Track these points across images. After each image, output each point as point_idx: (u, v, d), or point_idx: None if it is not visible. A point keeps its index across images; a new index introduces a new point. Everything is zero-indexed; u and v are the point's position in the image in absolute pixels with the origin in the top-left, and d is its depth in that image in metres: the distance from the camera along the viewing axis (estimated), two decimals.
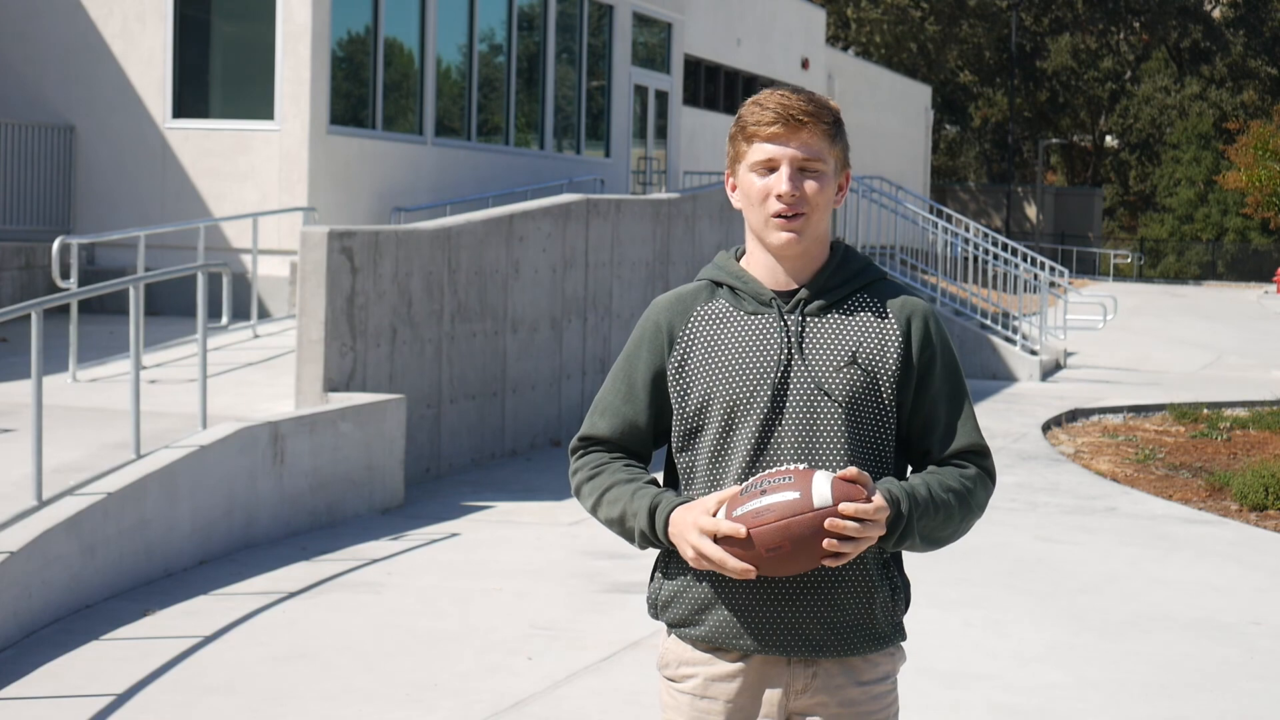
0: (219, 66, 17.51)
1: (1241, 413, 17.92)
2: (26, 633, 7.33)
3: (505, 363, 13.15)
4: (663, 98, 25.51)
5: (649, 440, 3.22)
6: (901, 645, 3.24)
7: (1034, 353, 21.48)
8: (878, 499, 2.94)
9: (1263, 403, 18.79)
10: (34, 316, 7.89)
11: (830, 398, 3.07)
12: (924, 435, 3.16)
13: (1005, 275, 23.90)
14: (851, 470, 2.94)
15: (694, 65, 28.80)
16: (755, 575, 2.95)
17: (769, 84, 30.19)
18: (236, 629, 7.53)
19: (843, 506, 2.89)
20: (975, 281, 24.09)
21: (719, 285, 3.20)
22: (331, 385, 10.87)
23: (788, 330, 3.10)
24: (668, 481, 3.23)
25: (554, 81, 21.79)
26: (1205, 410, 18.04)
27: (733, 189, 3.18)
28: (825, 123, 3.08)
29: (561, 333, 14.08)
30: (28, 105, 17.36)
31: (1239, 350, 26.45)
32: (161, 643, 7.23)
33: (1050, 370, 21.82)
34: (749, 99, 3.14)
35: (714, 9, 29.42)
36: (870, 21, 49.57)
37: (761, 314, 3.13)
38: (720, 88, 30.49)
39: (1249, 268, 59.12)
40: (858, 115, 36.49)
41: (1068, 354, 23.54)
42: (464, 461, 12.53)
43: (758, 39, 31.73)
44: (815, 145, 3.08)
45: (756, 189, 3.09)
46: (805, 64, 34.20)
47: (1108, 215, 67.74)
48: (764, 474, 2.97)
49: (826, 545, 2.90)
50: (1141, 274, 58.62)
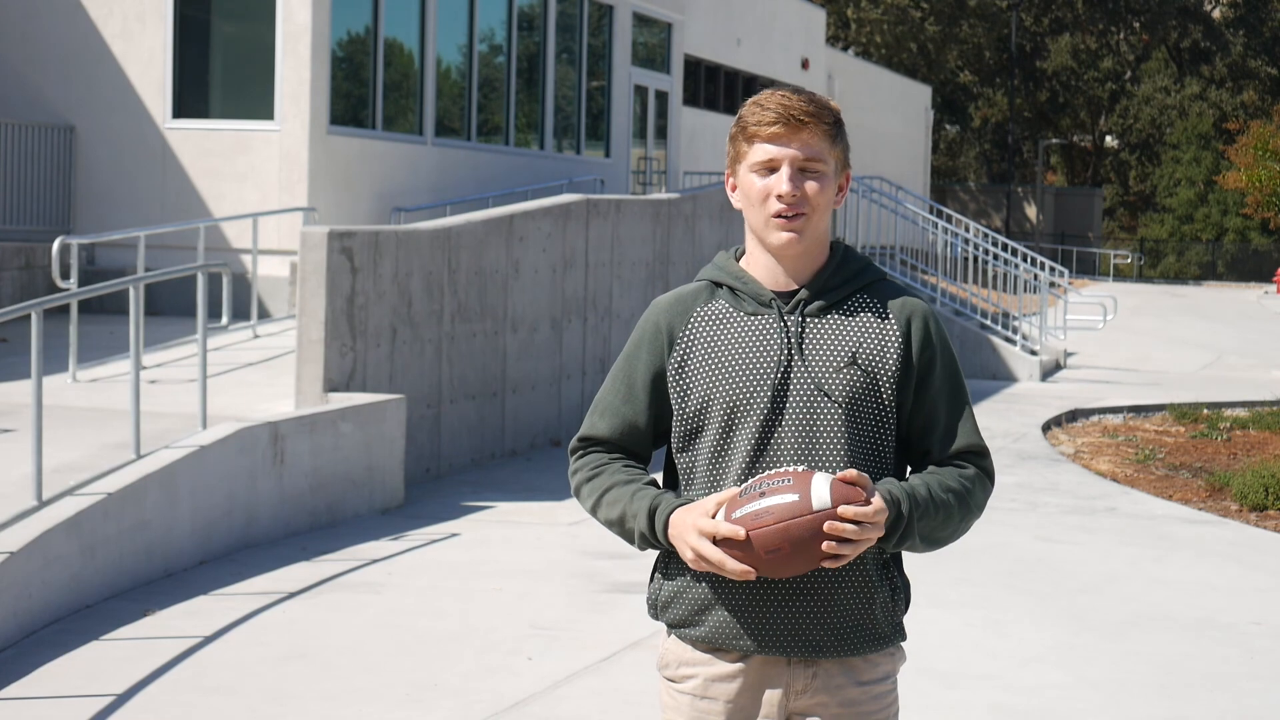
0: (219, 66, 17.51)
1: (1241, 413, 17.91)
2: (26, 633, 7.33)
3: (505, 363, 13.15)
4: (663, 98, 25.50)
5: (649, 441, 3.22)
6: (901, 645, 3.24)
7: (1034, 353, 21.48)
8: (876, 501, 2.94)
9: (1263, 403, 18.79)
10: (34, 316, 7.89)
11: (830, 398, 3.07)
12: (924, 435, 3.16)
13: (1005, 275, 23.90)
14: (851, 473, 2.94)
15: (694, 65, 28.79)
16: (754, 577, 2.96)
17: (769, 84, 30.21)
18: (237, 629, 7.53)
19: (841, 509, 2.90)
20: (975, 282, 24.09)
21: (719, 286, 3.19)
22: (331, 385, 10.88)
23: (788, 331, 3.10)
24: (667, 482, 3.23)
25: (554, 81, 21.79)
26: (1205, 410, 18.04)
27: (733, 189, 3.18)
28: (826, 123, 3.08)
29: (561, 333, 14.08)
30: (28, 105, 17.37)
31: (1239, 350, 26.45)
32: (161, 643, 7.23)
33: (1050, 370, 21.82)
34: (749, 99, 3.13)
35: (714, 9, 29.42)
36: (870, 21, 49.56)
37: (761, 314, 3.13)
38: (720, 88, 30.49)
39: (1249, 268, 59.12)
40: (858, 115, 36.47)
41: (1068, 354, 23.54)
42: (464, 461, 12.53)
43: (758, 39, 31.73)
44: (816, 146, 3.07)
45: (757, 189, 3.09)
46: (805, 64, 34.20)
47: (1108, 215, 67.74)
48: (763, 476, 2.97)
49: (826, 548, 2.90)
50: (1141, 274, 58.62)
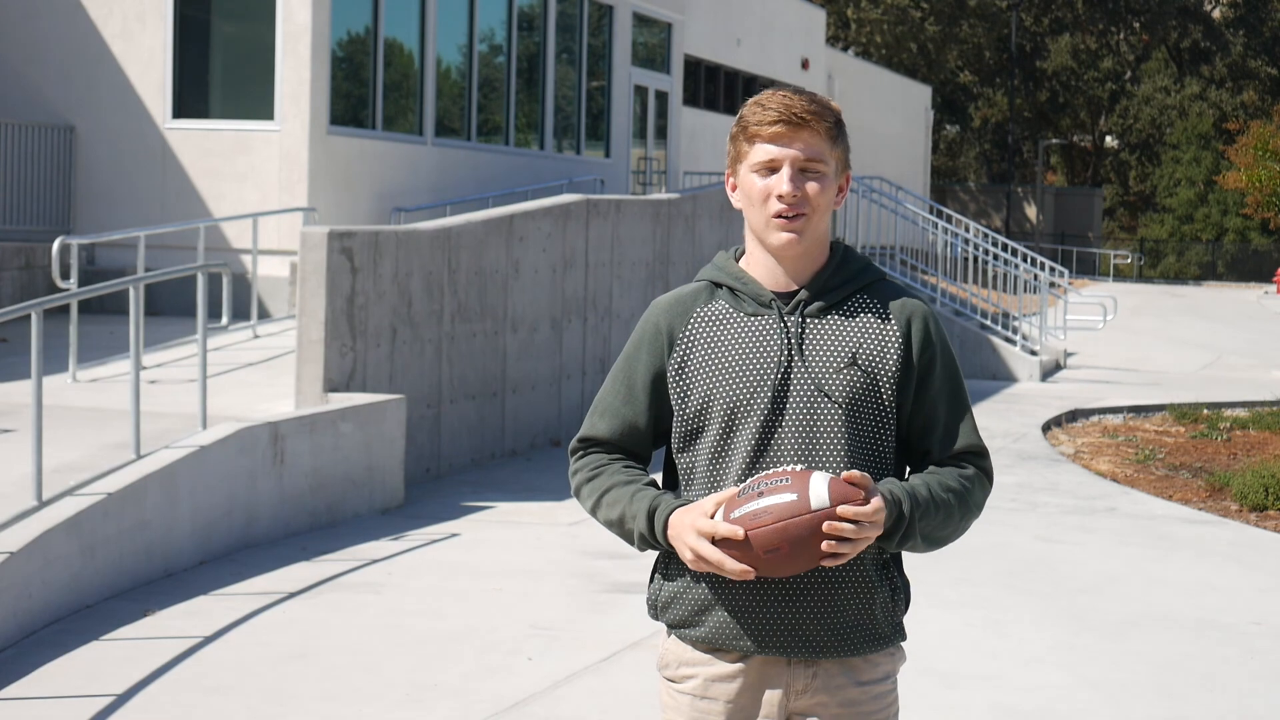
0: (219, 66, 17.51)
1: (1241, 413, 17.91)
2: (26, 633, 7.33)
3: (505, 363, 13.15)
4: (663, 98, 25.50)
5: (649, 441, 3.22)
6: (901, 645, 3.24)
7: (1034, 353, 21.48)
8: (875, 501, 2.94)
9: (1263, 403, 18.78)
10: (34, 316, 7.89)
11: (830, 398, 3.07)
12: (924, 436, 3.16)
13: (1005, 275, 23.90)
14: (855, 474, 2.94)
15: (694, 65, 28.79)
16: (754, 577, 2.95)
17: (769, 84, 30.18)
18: (237, 629, 7.53)
19: (841, 509, 2.90)
20: (975, 282, 24.09)
21: (718, 286, 3.19)
22: (331, 385, 10.88)
23: (788, 331, 3.10)
24: (667, 482, 3.23)
25: (554, 82, 21.79)
26: (1205, 410, 18.04)
27: (733, 189, 3.17)
28: (827, 123, 3.08)
29: (561, 333, 14.08)
30: (28, 105, 17.37)
31: (1239, 350, 26.45)
32: (161, 643, 7.23)
33: (1050, 370, 21.82)
34: (750, 99, 3.13)
35: (714, 9, 29.42)
36: (870, 22, 49.56)
37: (761, 315, 3.13)
38: (720, 88, 30.48)
39: (1249, 268, 59.13)
40: (858, 115, 36.47)
41: (1068, 354, 23.54)
42: (464, 461, 12.53)
43: (758, 39, 31.73)
44: (817, 146, 3.07)
45: (758, 189, 3.09)
46: (805, 64, 34.19)
47: (1108, 215, 67.75)
48: (761, 475, 2.97)
49: (825, 547, 2.90)
50: (1141, 274, 58.62)
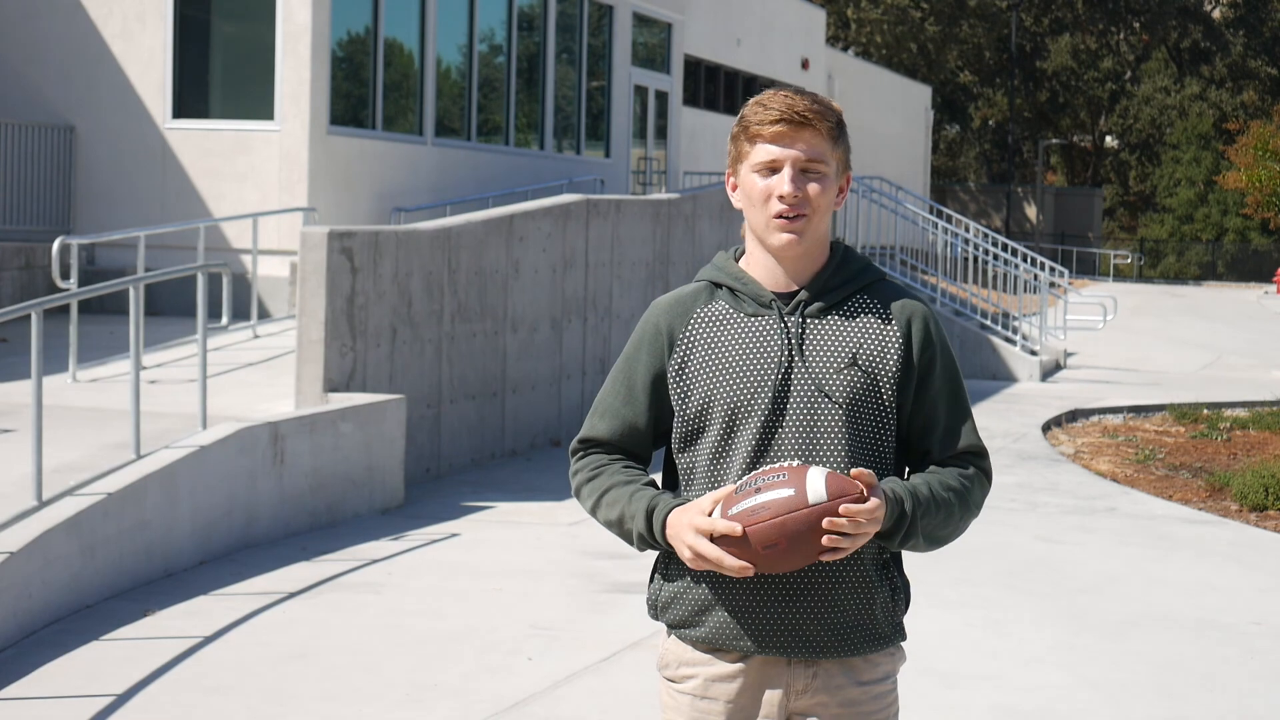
0: (219, 66, 17.51)
1: (1241, 413, 17.91)
2: (26, 633, 7.33)
3: (505, 363, 13.15)
4: (663, 98, 25.50)
5: (649, 442, 3.22)
6: (902, 645, 3.24)
7: (1034, 353, 21.48)
8: (874, 499, 2.94)
9: (1263, 403, 18.78)
10: (34, 316, 7.89)
11: (830, 399, 3.07)
12: (924, 436, 3.16)
13: (1005, 275, 23.90)
14: (862, 470, 2.93)
15: (694, 65, 28.79)
16: (753, 573, 2.95)
17: (769, 84, 30.18)
18: (237, 629, 7.53)
19: (843, 508, 2.89)
20: (975, 282, 24.09)
21: (718, 286, 3.19)
22: (331, 385, 10.88)
23: (788, 332, 3.10)
24: (667, 482, 3.23)
25: (554, 81, 21.79)
26: (1205, 410, 18.04)
27: (733, 189, 3.17)
28: (829, 124, 3.08)
29: (561, 333, 14.08)
30: (28, 105, 17.37)
31: (1239, 350, 26.45)
32: (161, 643, 7.23)
33: (1050, 370, 21.82)
34: (752, 99, 3.12)
35: (714, 9, 29.42)
36: (870, 22, 49.56)
37: (761, 315, 3.13)
38: (720, 88, 30.49)
39: (1249, 268, 59.13)
40: (858, 115, 36.46)
41: (1068, 354, 23.54)
42: (464, 461, 12.53)
43: (758, 39, 31.73)
44: (818, 147, 3.07)
45: (759, 189, 3.09)
46: (805, 64, 34.19)
47: (1108, 215, 67.75)
48: (758, 471, 2.97)
49: (825, 542, 2.90)
50: (1141, 274, 58.62)
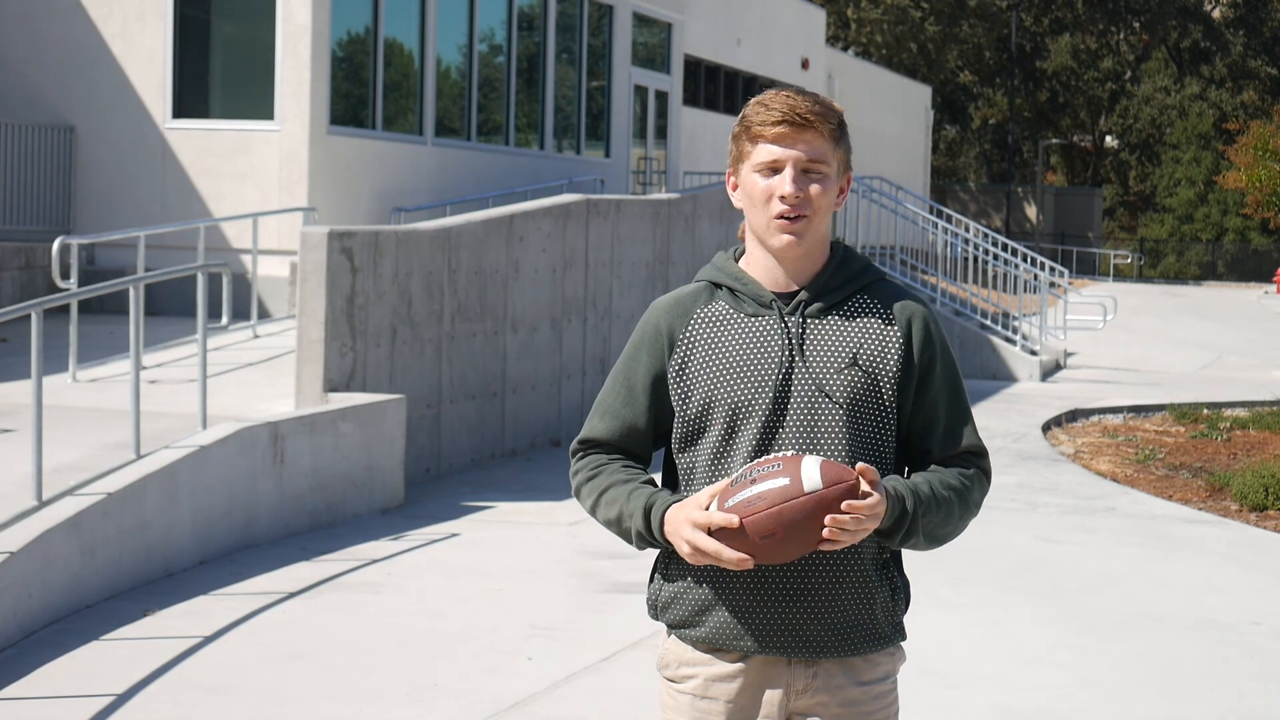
0: (219, 66, 17.51)
1: (1241, 413, 17.92)
2: (26, 633, 7.33)
3: (505, 363, 13.15)
4: (663, 98, 25.50)
5: (649, 442, 3.22)
6: (902, 645, 3.24)
7: (1034, 353, 21.48)
8: (876, 496, 2.93)
9: (1263, 403, 18.79)
10: (34, 316, 7.89)
11: (831, 399, 3.07)
12: (924, 435, 3.16)
13: (1005, 275, 23.90)
14: (867, 467, 2.93)
15: (694, 65, 28.79)
16: (753, 565, 2.94)
17: (769, 84, 30.17)
18: (236, 629, 7.53)
19: (846, 504, 2.89)
20: (975, 282, 24.09)
21: (718, 287, 3.19)
22: (331, 385, 10.88)
23: (788, 332, 3.10)
24: (667, 482, 3.22)
25: (554, 81, 21.79)
26: (1205, 410, 18.04)
27: (734, 188, 3.17)
28: (831, 125, 3.08)
29: (561, 333, 14.08)
30: (28, 105, 17.37)
31: (1239, 350, 26.45)
32: (161, 643, 7.23)
33: (1050, 370, 21.82)
34: (754, 99, 3.12)
35: (714, 9, 29.42)
36: (870, 21, 49.56)
37: (762, 316, 3.12)
38: (720, 88, 30.49)
39: (1249, 268, 59.13)
40: (858, 115, 36.46)
41: (1068, 354, 23.54)
42: (464, 461, 12.53)
43: (758, 39, 31.72)
44: (820, 147, 3.07)
45: (760, 190, 3.08)
46: (805, 64, 34.19)
47: (1108, 215, 67.74)
48: (753, 463, 2.97)
49: (825, 534, 2.90)
50: (1141, 274, 58.61)
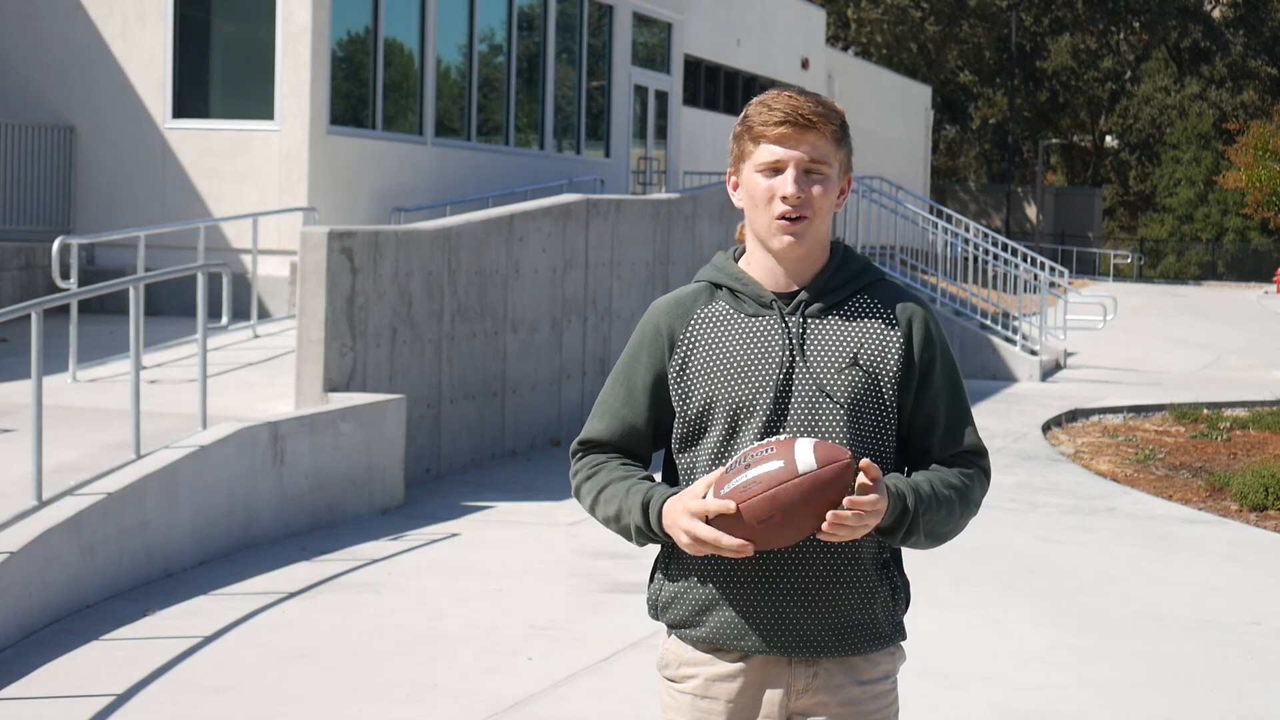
0: (219, 66, 17.51)
1: (1241, 413, 17.92)
2: (26, 633, 7.33)
3: (505, 363, 13.15)
4: (663, 98, 25.50)
5: (649, 443, 3.21)
6: (902, 645, 3.24)
7: (1034, 353, 21.48)
8: (876, 493, 2.93)
9: (1263, 403, 18.79)
10: (34, 316, 7.89)
11: (832, 399, 3.07)
12: (924, 435, 3.16)
13: (1005, 275, 23.90)
14: (871, 465, 2.93)
15: (694, 65, 28.79)
16: (752, 551, 2.94)
17: (769, 84, 30.18)
18: (236, 629, 7.53)
19: (847, 500, 2.89)
20: (975, 281, 24.09)
21: (718, 287, 3.19)
22: (331, 385, 10.88)
23: (789, 332, 3.10)
24: (666, 481, 3.22)
25: (554, 81, 21.79)
26: (1205, 410, 18.04)
27: (735, 188, 3.17)
28: (833, 126, 3.08)
29: (561, 333, 14.08)
30: (28, 105, 17.36)
31: (1239, 350, 26.45)
32: (161, 643, 7.23)
33: (1050, 370, 21.81)
34: (755, 99, 3.12)
35: (714, 9, 29.42)
36: (870, 21, 49.56)
37: (762, 316, 3.12)
38: (720, 88, 30.49)
39: (1249, 268, 59.13)
40: (858, 115, 36.45)
41: (1068, 354, 23.54)
42: (464, 461, 12.53)
43: (758, 39, 31.72)
44: (822, 148, 3.07)
45: (761, 190, 3.08)
46: (805, 64, 34.19)
47: (1108, 215, 67.74)
48: (747, 450, 2.97)
49: (825, 528, 2.90)
50: (1141, 274, 58.61)
